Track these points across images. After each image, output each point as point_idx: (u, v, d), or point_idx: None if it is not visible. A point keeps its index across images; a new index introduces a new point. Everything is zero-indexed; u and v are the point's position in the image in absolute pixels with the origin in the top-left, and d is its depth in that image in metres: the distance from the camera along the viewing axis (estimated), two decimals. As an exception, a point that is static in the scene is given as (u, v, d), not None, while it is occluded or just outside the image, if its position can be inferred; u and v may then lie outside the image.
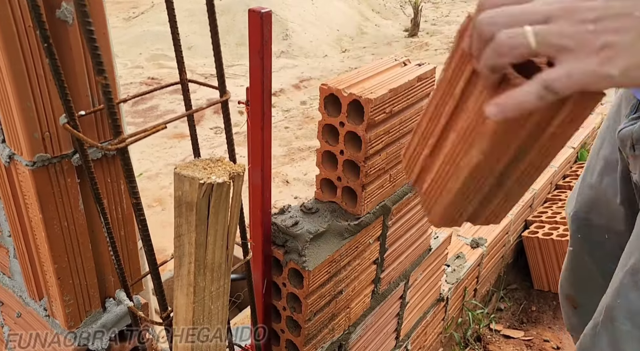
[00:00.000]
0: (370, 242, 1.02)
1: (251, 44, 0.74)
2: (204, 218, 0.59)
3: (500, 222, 0.63)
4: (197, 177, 0.56)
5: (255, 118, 0.78)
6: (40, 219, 0.58)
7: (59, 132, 0.56)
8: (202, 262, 0.61)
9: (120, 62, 4.72)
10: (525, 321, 1.93)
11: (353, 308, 1.06)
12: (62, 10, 0.52)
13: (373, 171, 0.93)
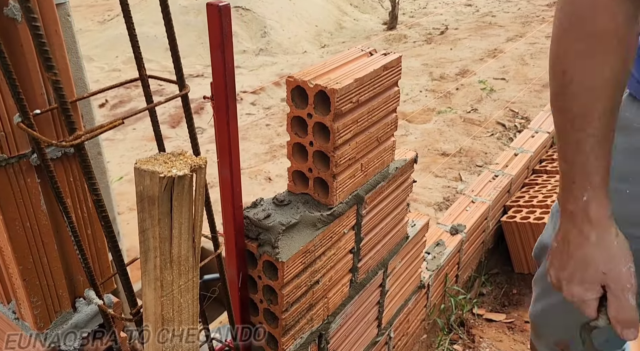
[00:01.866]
0: (344, 232, 1.03)
1: (211, 38, 0.74)
2: (167, 211, 0.59)
3: None
4: (157, 170, 0.56)
5: (220, 113, 0.79)
6: (1, 220, 0.58)
7: (14, 132, 0.56)
8: (168, 256, 0.61)
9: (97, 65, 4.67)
10: (507, 304, 1.96)
11: (331, 297, 1.07)
12: (10, 7, 0.52)
13: (343, 161, 0.94)
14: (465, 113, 3.67)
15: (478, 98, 3.90)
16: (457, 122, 3.54)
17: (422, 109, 3.76)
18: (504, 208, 2.10)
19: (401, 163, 1.15)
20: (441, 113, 3.69)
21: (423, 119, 3.63)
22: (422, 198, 2.66)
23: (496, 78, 4.26)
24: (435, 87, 4.17)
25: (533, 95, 3.90)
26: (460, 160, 3.05)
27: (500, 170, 2.13)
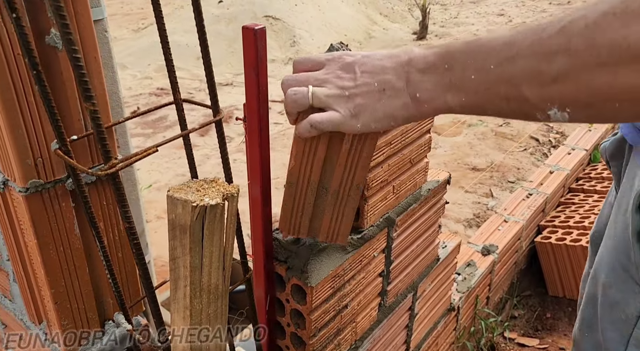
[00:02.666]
0: (374, 255, 1.00)
1: (246, 60, 0.73)
2: (198, 240, 0.58)
3: (344, 241, 0.79)
4: (189, 199, 0.56)
5: (252, 134, 0.78)
6: (36, 244, 0.58)
7: (51, 158, 0.56)
8: (198, 285, 0.60)
9: (130, 73, 4.78)
10: (540, 328, 1.89)
11: (359, 322, 1.04)
12: (52, 36, 0.52)
13: (375, 183, 0.91)
14: (497, 127, 3.59)
15: (510, 112, 3.81)
16: (488, 136, 3.47)
17: (452, 122, 3.70)
18: (538, 228, 2.04)
19: (434, 185, 1.12)
20: (472, 126, 3.62)
21: (453, 132, 3.57)
22: (452, 214, 2.61)
23: (529, 90, 4.16)
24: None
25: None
26: (491, 175, 2.98)
27: (535, 189, 2.07)
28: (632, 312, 0.71)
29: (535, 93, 0.45)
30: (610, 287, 0.78)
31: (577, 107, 0.44)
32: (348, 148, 0.67)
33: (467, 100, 0.50)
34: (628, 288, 0.72)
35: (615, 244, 0.77)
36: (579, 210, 2.05)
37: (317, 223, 0.77)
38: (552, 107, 0.45)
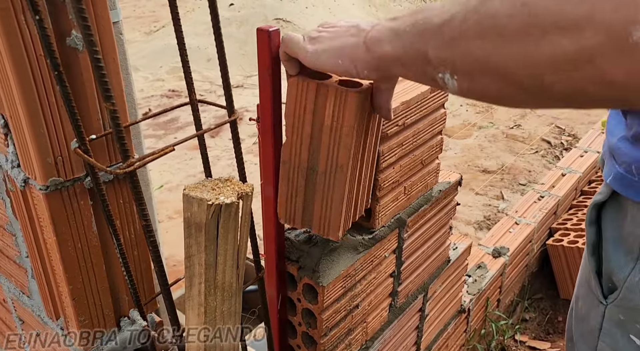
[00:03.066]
0: (385, 256, 1.01)
1: (260, 61, 0.74)
2: (213, 238, 0.59)
3: (336, 236, 0.77)
4: (205, 198, 0.57)
5: (265, 135, 0.79)
6: (55, 241, 0.59)
7: (71, 156, 0.57)
8: (213, 282, 0.61)
9: (142, 75, 4.83)
10: (552, 331, 1.87)
11: (370, 322, 1.05)
12: (72, 38, 0.54)
13: (387, 184, 0.92)
14: (507, 129, 3.57)
15: (522, 114, 3.79)
16: (499, 138, 3.45)
17: (463, 124, 3.69)
18: (549, 230, 2.02)
19: (445, 186, 1.12)
20: (482, 128, 3.61)
21: (463, 134, 3.55)
22: (462, 216, 2.60)
23: (541, 93, 4.13)
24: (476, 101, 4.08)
25: (581, 111, 3.76)
26: (502, 177, 2.97)
27: (547, 191, 2.05)
28: (595, 325, 0.71)
29: (434, 53, 0.48)
30: (578, 300, 0.78)
31: (460, 74, 0.46)
32: (329, 123, 0.68)
33: (397, 49, 0.53)
34: (591, 301, 0.72)
35: (584, 256, 0.77)
36: (592, 213, 2.03)
37: (309, 211, 0.76)
38: (446, 72, 0.47)
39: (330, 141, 0.69)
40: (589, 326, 0.73)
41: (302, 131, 0.72)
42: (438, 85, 0.51)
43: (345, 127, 0.68)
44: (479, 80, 0.45)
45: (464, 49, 0.44)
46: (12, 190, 0.63)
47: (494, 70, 0.42)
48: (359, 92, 0.65)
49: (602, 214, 0.70)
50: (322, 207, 0.74)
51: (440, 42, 0.47)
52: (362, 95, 0.66)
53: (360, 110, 0.67)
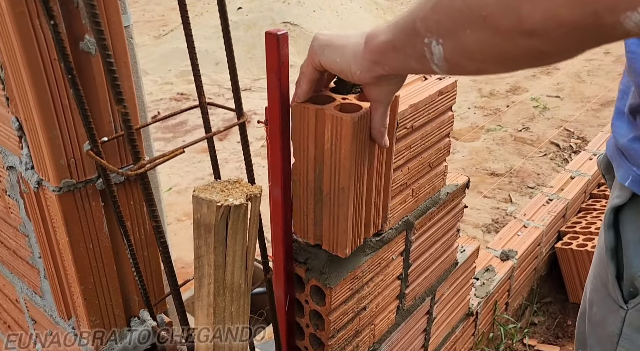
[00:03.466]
0: (393, 258, 1.01)
1: (268, 65, 0.75)
2: (222, 239, 0.60)
3: (343, 253, 0.81)
4: (214, 199, 0.57)
5: (273, 137, 0.79)
6: (67, 242, 0.60)
7: (83, 158, 0.58)
8: (222, 283, 0.62)
9: (151, 78, 4.87)
10: (561, 336, 1.86)
11: (378, 324, 1.05)
12: (85, 42, 0.55)
13: (395, 186, 0.92)
14: (516, 132, 3.55)
15: (530, 117, 3.77)
16: (507, 141, 3.44)
17: (471, 127, 3.68)
18: (558, 234, 2.01)
19: (452, 189, 1.13)
20: (490, 131, 3.60)
21: (471, 137, 3.54)
22: (470, 219, 2.59)
23: (550, 95, 4.11)
24: (485, 104, 4.07)
25: (590, 114, 3.73)
26: (510, 180, 2.95)
27: (555, 194, 2.04)
28: (613, 330, 0.70)
29: (422, 22, 0.50)
30: (593, 305, 0.76)
31: (445, 35, 0.48)
32: (329, 147, 0.71)
33: (390, 35, 0.56)
34: (608, 306, 0.71)
35: (597, 260, 0.76)
36: (601, 216, 2.01)
37: (320, 227, 0.79)
38: (432, 37, 0.49)
39: (332, 164, 0.72)
40: (606, 331, 0.72)
41: (307, 153, 0.75)
42: (425, 61, 0.52)
43: (343, 151, 0.70)
44: (461, 36, 0.46)
45: (447, 5, 0.47)
46: (25, 192, 0.64)
47: (474, 17, 0.44)
48: (354, 117, 0.67)
49: (621, 217, 0.70)
50: (330, 225, 0.77)
51: (427, 9, 0.49)
52: (357, 121, 0.68)
53: (357, 134, 0.69)
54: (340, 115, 0.68)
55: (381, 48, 0.58)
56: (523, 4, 0.39)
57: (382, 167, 0.81)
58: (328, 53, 0.64)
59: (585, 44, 0.40)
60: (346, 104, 0.72)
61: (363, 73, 0.61)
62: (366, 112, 0.70)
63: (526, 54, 0.43)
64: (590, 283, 0.80)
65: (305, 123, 0.73)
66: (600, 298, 0.74)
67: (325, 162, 0.72)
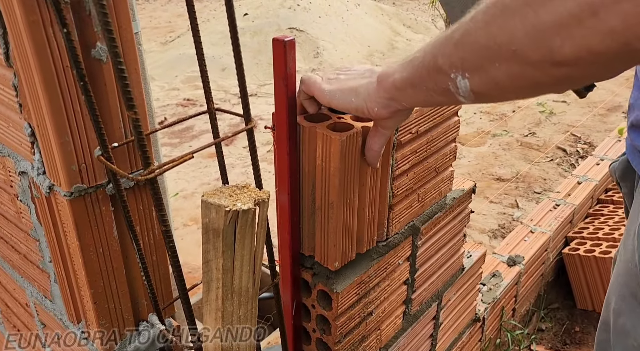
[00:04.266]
0: (399, 263, 1.01)
1: (275, 71, 0.76)
2: (231, 244, 0.60)
3: (333, 265, 0.83)
4: (223, 204, 0.58)
5: (280, 143, 0.80)
6: (78, 246, 0.61)
7: (94, 163, 0.59)
8: (230, 287, 0.62)
9: (157, 84, 4.91)
10: (569, 342, 1.85)
11: (384, 329, 1.05)
12: (97, 49, 0.56)
13: (400, 191, 0.92)
14: (522, 137, 3.55)
15: (536, 122, 3.76)
16: (513, 146, 3.43)
17: (477, 132, 3.68)
18: (565, 239, 2.00)
19: (459, 194, 1.13)
20: (496, 136, 3.59)
21: (477, 142, 3.54)
22: (476, 224, 2.58)
23: (556, 100, 4.10)
24: (490, 109, 4.07)
25: (597, 119, 3.72)
26: (516, 185, 2.94)
27: (562, 199, 2.03)
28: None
29: (444, 59, 0.51)
30: (620, 315, 0.76)
31: (471, 70, 0.48)
32: (320, 163, 0.75)
33: (407, 73, 0.57)
34: (638, 316, 0.71)
35: (624, 270, 0.75)
36: (608, 222, 2.00)
37: (313, 240, 0.83)
38: (457, 73, 0.50)
39: (322, 180, 0.76)
40: (637, 341, 0.71)
41: (303, 168, 0.78)
42: (450, 94, 0.53)
43: (332, 168, 0.73)
44: (489, 69, 0.46)
45: (472, 42, 0.47)
46: (37, 197, 0.65)
47: (502, 52, 0.44)
48: (342, 136, 0.70)
49: None
50: (321, 238, 0.81)
51: (450, 46, 0.50)
52: (346, 140, 0.71)
53: (346, 153, 0.72)
54: (329, 134, 0.71)
55: (397, 85, 0.59)
56: (553, 38, 0.40)
57: (376, 184, 0.83)
58: (340, 96, 0.68)
59: (617, 68, 0.41)
60: (340, 123, 0.76)
61: (380, 110, 0.63)
62: (357, 131, 0.73)
63: (557, 81, 0.44)
64: (615, 293, 0.79)
65: (300, 139, 0.77)
66: (630, 309, 0.73)
67: (317, 177, 0.76)
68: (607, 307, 0.83)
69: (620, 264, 0.78)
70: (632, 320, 0.72)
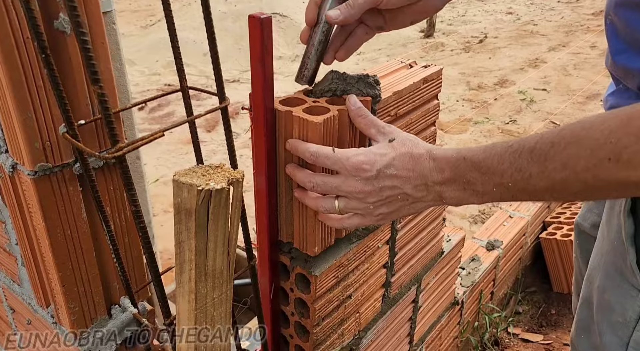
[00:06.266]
0: (379, 246, 1.01)
1: (252, 50, 0.74)
2: (204, 224, 0.59)
3: (313, 250, 0.82)
4: (195, 183, 0.56)
5: (258, 124, 0.78)
6: (44, 227, 0.59)
7: (59, 141, 0.57)
8: (203, 269, 0.61)
9: (138, 69, 4.80)
10: (545, 324, 1.88)
11: (363, 312, 1.05)
12: (60, 21, 0.53)
13: (380, 174, 0.92)
14: (503, 124, 3.58)
15: (517, 109, 3.80)
16: (494, 133, 3.46)
17: (458, 119, 3.69)
18: (543, 224, 2.03)
19: (438, 177, 1.12)
20: (478, 123, 3.61)
21: (459, 129, 3.56)
22: (457, 210, 2.60)
23: (537, 88, 4.14)
24: (473, 96, 4.09)
25: (576, 107, 3.77)
26: (497, 172, 2.97)
27: (541, 185, 2.06)
28: (631, 315, 0.71)
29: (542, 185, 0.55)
30: (605, 291, 0.77)
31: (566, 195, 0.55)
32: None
33: (488, 199, 0.60)
34: (624, 292, 0.72)
35: (609, 247, 0.76)
36: (585, 207, 2.04)
37: (291, 227, 0.82)
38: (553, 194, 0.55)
39: (300, 164, 0.74)
40: (623, 317, 0.72)
41: (280, 153, 0.77)
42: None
43: None
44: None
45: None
46: (0, 177, 0.63)
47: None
48: (318, 119, 0.69)
49: (639, 204, 0.70)
50: (300, 224, 0.80)
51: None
52: (323, 123, 0.70)
53: (323, 137, 0.71)
54: (306, 117, 0.69)
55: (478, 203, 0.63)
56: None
57: None
58: (389, 219, 0.71)
59: None
60: (316, 107, 0.74)
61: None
62: (334, 115, 0.72)
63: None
64: (600, 271, 0.79)
65: (276, 124, 0.75)
66: (615, 285, 0.74)
67: (295, 162, 0.75)
68: (589, 285, 0.84)
69: (605, 242, 0.78)
70: (616, 296, 0.73)
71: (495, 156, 0.58)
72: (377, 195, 0.66)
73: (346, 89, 0.79)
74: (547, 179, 0.55)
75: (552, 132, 0.56)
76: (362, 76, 0.80)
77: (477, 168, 0.59)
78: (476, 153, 0.60)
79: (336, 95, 0.79)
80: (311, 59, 0.78)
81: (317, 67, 0.79)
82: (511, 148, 0.57)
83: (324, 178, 0.69)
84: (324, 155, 0.68)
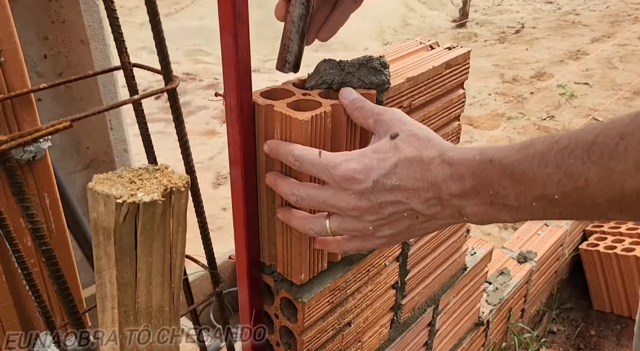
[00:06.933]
0: (386, 264, 0.84)
1: (221, 19, 0.58)
2: (129, 248, 0.43)
3: (298, 277, 0.66)
4: (113, 194, 0.41)
5: (232, 114, 0.62)
6: None
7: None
8: (131, 307, 0.45)
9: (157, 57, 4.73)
10: (583, 347, 1.68)
11: (366, 341, 0.88)
12: None
13: (388, 179, 0.74)
14: (539, 121, 3.32)
15: (556, 104, 3.52)
16: (529, 130, 3.21)
17: (490, 114, 3.45)
18: (583, 233, 1.81)
19: (463, 182, 0.95)
20: (512, 119, 3.36)
21: (490, 125, 3.32)
22: (485, 213, 2.39)
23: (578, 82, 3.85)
24: (507, 90, 3.83)
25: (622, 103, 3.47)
26: (531, 172, 2.74)
27: (582, 189, 1.84)
28: None
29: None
30: None
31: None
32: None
33: (526, 215, 0.46)
34: None
35: None
36: (633, 215, 1.81)
37: (274, 248, 0.67)
38: None
39: (283, 171, 0.58)
40: None
41: (260, 157, 0.62)
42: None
43: None
44: None
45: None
46: None
47: None
48: (304, 117, 0.54)
49: None
50: (284, 246, 0.64)
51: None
52: (310, 122, 0.54)
53: (311, 138, 0.55)
54: (290, 113, 0.55)
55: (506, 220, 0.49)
56: None
57: None
58: (398, 241, 0.57)
59: None
60: (305, 100, 0.58)
61: None
62: (325, 112, 0.56)
63: None
64: None
65: (256, 121, 0.60)
66: None
67: (276, 168, 0.59)
68: None
69: None
70: None
71: (535, 156, 0.42)
72: (376, 213, 0.50)
73: (345, 80, 0.62)
74: (613, 187, 0.38)
75: (618, 121, 0.39)
76: (365, 60, 0.62)
77: (509, 175, 0.43)
78: (507, 153, 0.44)
79: (332, 88, 0.62)
80: (292, 39, 0.61)
81: (302, 49, 0.62)
82: (558, 144, 0.41)
83: (309, 190, 0.53)
84: (309, 162, 0.52)
